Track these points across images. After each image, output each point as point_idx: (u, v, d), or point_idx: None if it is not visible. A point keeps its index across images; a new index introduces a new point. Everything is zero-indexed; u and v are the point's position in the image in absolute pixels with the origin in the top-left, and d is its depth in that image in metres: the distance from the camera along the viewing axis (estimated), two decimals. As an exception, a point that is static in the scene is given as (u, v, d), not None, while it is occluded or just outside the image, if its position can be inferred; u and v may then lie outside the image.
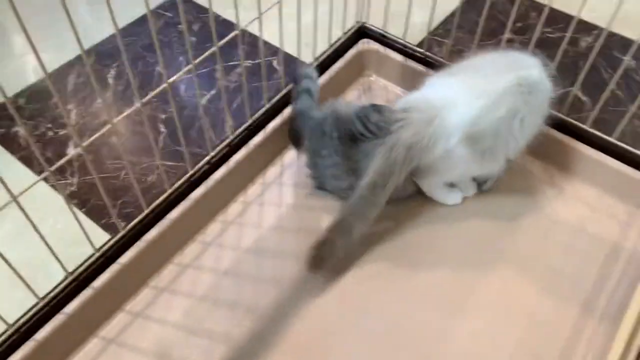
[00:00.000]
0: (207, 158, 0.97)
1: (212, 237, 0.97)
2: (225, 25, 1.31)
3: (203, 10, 1.37)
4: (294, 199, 1.02)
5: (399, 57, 1.17)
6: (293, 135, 1.02)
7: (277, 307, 0.88)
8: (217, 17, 1.33)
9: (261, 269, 0.93)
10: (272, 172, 1.06)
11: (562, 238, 0.96)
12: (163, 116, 1.15)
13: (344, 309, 0.88)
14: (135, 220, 0.89)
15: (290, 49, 1.14)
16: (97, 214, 1.00)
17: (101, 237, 0.91)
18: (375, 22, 1.20)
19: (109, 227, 0.98)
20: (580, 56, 1.28)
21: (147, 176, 1.05)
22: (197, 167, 0.96)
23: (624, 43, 1.30)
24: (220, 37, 0.86)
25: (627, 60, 0.93)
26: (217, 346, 0.84)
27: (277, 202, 1.01)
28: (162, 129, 1.13)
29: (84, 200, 1.02)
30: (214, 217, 0.99)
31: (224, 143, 0.99)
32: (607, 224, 0.99)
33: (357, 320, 0.87)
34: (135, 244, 0.88)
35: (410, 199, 1.00)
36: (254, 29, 0.94)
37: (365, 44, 1.19)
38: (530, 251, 0.94)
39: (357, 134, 0.91)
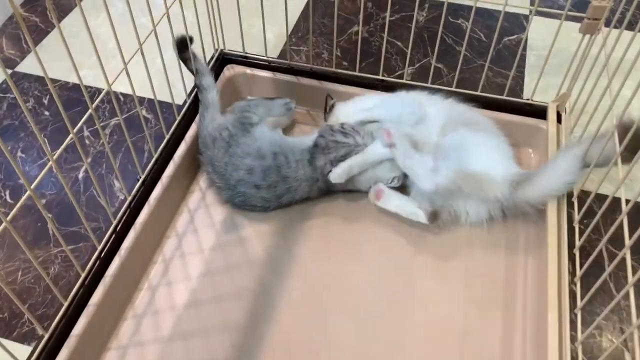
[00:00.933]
0: (112, 226, 0.90)
1: (143, 306, 0.90)
2: (74, 90, 1.23)
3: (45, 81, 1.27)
4: (213, 239, 0.98)
5: (266, 74, 1.18)
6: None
7: (235, 349, 0.85)
8: (65, 84, 1.25)
9: (205, 319, 0.88)
10: (181, 220, 1.01)
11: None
12: (43, 201, 1.05)
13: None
14: (57, 318, 0.80)
15: (154, 94, 1.10)
16: (4, 329, 0.89)
17: (21, 351, 0.81)
18: (232, 47, 1.19)
19: (24, 337, 0.87)
20: (423, 30, 1.39)
21: (48, 269, 0.96)
22: (104, 240, 0.89)
23: (454, 8, 1.43)
24: (75, 103, 0.80)
25: (468, 24, 1.03)
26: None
27: (197, 248, 0.97)
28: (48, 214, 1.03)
29: (-17, 318, 0.90)
30: (137, 287, 0.92)
31: (124, 205, 0.93)
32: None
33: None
34: (65, 345, 0.79)
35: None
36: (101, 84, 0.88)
37: (231, 70, 1.19)
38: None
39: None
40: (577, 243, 0.87)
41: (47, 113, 1.20)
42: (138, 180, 0.96)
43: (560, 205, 0.92)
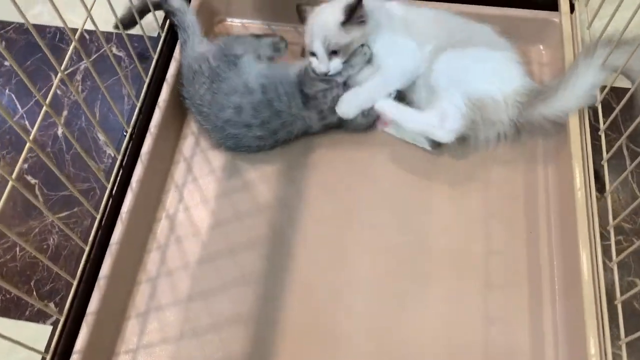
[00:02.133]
0: (107, 191, 0.83)
1: (156, 268, 0.86)
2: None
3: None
4: (216, 187, 0.92)
5: (244, -10, 1.06)
6: None
7: (257, 299, 0.82)
8: (20, 27, 1.11)
9: (222, 273, 0.85)
10: (179, 171, 0.94)
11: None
12: (25, 166, 0.97)
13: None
14: (70, 298, 0.76)
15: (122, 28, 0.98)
16: (15, 310, 0.85)
17: (36, 332, 0.78)
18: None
19: (38, 316, 0.84)
20: None
21: (46, 240, 0.90)
22: (102, 206, 0.82)
23: None
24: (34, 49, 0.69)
25: None
26: None
27: (201, 199, 0.91)
28: (32, 180, 0.96)
29: (-10, 300, 0.86)
30: (146, 249, 0.87)
31: (116, 166, 0.86)
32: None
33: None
34: (83, 323, 0.76)
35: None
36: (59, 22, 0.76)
37: (203, -10, 1.05)
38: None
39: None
40: (605, 155, 0.82)
41: (7, 64, 1.08)
42: (125, 135, 0.88)
43: (582, 116, 0.86)
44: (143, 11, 0.96)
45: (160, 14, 0.97)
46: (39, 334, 0.82)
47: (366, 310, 0.82)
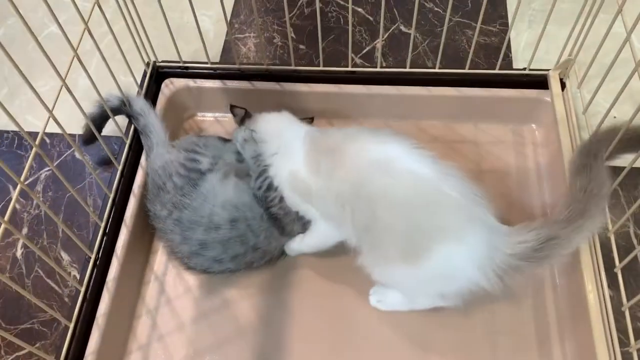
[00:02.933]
0: (71, 326, 0.74)
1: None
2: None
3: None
4: (193, 309, 0.83)
5: (214, 84, 0.99)
6: None
7: None
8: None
9: None
10: (150, 292, 0.86)
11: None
12: (-20, 295, 0.88)
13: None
14: None
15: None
16: None
17: None
18: (165, 56, 0.99)
19: None
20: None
21: None
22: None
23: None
24: None
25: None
26: None
27: (177, 325, 0.82)
28: (-11, 311, 0.86)
29: None
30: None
31: (80, 296, 0.77)
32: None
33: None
34: None
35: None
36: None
37: (170, 85, 0.98)
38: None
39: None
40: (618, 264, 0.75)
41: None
42: (88, 260, 0.79)
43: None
44: (103, 118, 0.89)
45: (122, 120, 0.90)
46: None
47: None
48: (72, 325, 0.75)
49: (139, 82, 0.95)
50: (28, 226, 0.93)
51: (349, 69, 0.94)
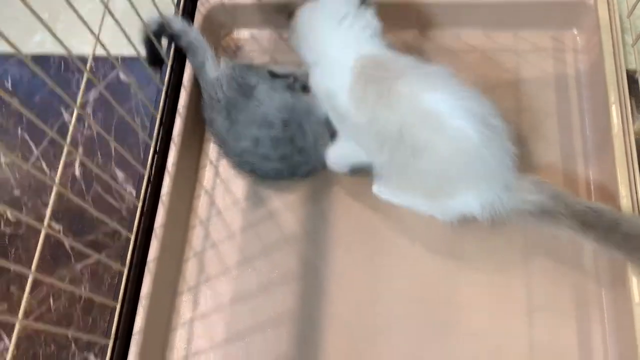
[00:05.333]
0: (132, 239, 0.82)
1: (189, 311, 0.85)
2: (36, 62, 1.06)
3: None
4: (241, 220, 0.89)
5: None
6: None
7: (294, 341, 0.81)
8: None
9: (257, 314, 0.83)
10: (201, 205, 0.92)
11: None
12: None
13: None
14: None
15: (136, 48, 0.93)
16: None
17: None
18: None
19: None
20: None
21: (79, 288, 0.89)
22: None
23: None
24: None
25: None
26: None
27: (228, 234, 0.89)
28: (56, 226, 0.94)
29: (33, 355, 0.86)
30: (176, 291, 0.86)
31: (138, 212, 0.83)
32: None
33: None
34: None
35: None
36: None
37: (205, 3, 0.99)
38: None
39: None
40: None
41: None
42: (142, 177, 0.85)
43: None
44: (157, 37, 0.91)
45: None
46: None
47: (406, 342, 0.79)
48: (132, 236, 0.82)
49: (175, 1, 0.96)
50: (83, 146, 0.99)
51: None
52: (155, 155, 0.87)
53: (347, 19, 0.77)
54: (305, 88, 0.83)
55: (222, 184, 0.92)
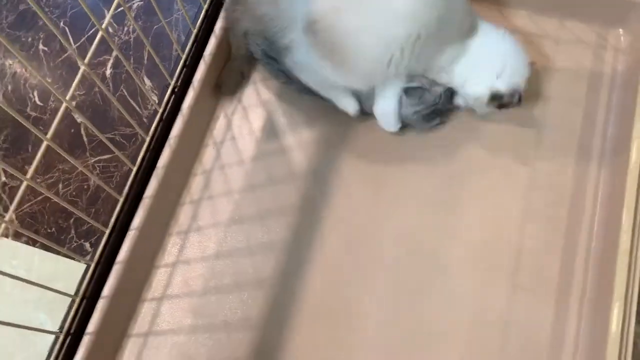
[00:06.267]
0: (146, 142, 0.84)
1: (187, 224, 0.88)
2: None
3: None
4: (253, 149, 0.91)
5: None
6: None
7: (282, 270, 0.84)
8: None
9: (250, 236, 0.86)
10: (218, 127, 0.94)
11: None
12: (73, 103, 0.99)
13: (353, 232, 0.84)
14: (102, 244, 0.79)
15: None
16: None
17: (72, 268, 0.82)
18: None
19: (73, 252, 0.88)
20: None
21: (87, 181, 0.93)
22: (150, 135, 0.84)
23: None
24: None
25: None
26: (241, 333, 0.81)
27: (238, 159, 0.91)
28: (78, 119, 0.98)
29: (34, 232, 0.91)
30: (179, 201, 0.89)
31: (157, 118, 0.86)
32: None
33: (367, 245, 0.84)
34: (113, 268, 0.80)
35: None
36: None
37: None
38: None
39: None
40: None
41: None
42: (167, 87, 0.88)
43: None
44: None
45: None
46: (76, 270, 0.87)
47: (389, 292, 0.81)
48: (147, 140, 0.85)
49: None
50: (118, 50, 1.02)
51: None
52: (185, 69, 0.90)
53: None
54: None
55: (242, 110, 0.94)
